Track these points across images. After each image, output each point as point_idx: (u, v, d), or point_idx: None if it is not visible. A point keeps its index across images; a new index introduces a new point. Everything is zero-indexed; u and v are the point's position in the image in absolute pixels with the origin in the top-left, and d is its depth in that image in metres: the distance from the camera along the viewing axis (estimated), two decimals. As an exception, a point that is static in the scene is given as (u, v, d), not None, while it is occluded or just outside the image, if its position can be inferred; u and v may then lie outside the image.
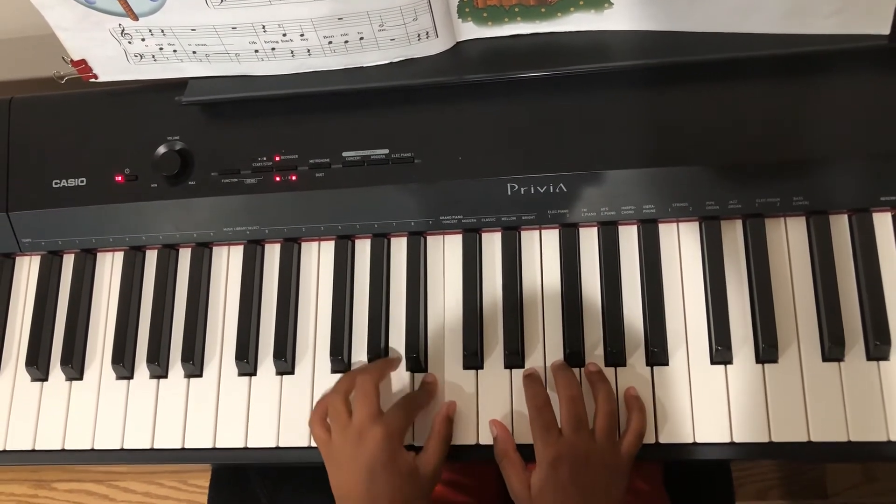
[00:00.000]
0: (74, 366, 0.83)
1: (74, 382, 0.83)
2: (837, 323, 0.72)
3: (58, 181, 0.84)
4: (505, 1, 0.74)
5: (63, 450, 0.81)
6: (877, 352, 0.71)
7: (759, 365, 0.73)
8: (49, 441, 0.82)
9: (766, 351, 0.72)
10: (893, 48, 0.71)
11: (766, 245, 0.75)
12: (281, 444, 0.78)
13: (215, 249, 0.84)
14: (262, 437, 0.78)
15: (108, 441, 0.81)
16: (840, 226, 0.75)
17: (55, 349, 0.84)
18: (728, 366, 0.73)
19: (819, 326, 0.73)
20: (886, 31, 0.71)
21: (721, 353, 0.73)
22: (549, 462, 0.68)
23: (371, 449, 0.69)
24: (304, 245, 0.83)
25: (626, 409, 0.73)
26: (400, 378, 0.78)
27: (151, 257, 0.85)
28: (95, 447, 0.81)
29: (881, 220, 0.74)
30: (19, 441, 0.82)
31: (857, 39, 0.72)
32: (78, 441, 0.81)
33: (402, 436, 0.72)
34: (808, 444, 0.71)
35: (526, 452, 0.72)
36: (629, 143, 0.75)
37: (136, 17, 0.75)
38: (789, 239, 0.75)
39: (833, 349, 0.71)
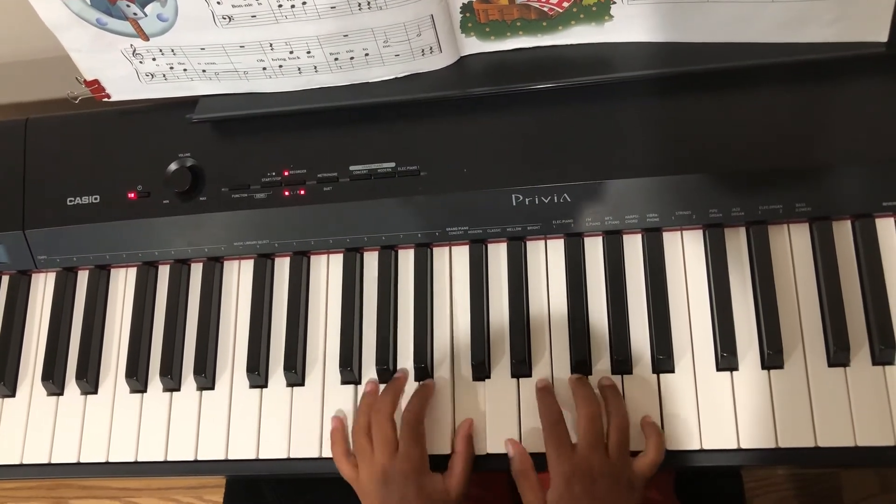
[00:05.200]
0: (89, 380, 0.84)
1: (89, 396, 0.85)
2: (842, 328, 0.72)
3: (72, 199, 0.86)
4: (507, 16, 0.76)
5: (78, 463, 0.83)
6: (882, 356, 0.71)
7: (765, 371, 0.73)
8: (65, 454, 0.83)
9: (772, 357, 0.72)
10: (891, 55, 0.72)
11: (769, 252, 0.75)
12: (292, 455, 0.79)
13: (226, 264, 0.86)
14: (274, 448, 0.79)
15: (122, 454, 0.82)
16: (843, 231, 0.75)
17: (70, 364, 0.86)
18: (734, 372, 0.74)
19: (824, 332, 0.73)
20: (884, 38, 0.72)
21: (726, 359, 0.73)
22: (564, 478, 0.69)
23: (400, 486, 0.71)
24: (313, 258, 0.84)
25: (643, 434, 0.73)
26: (409, 390, 0.79)
27: (164, 272, 0.87)
28: (110, 460, 0.82)
29: (884, 226, 0.75)
30: (35, 455, 0.84)
31: (856, 47, 0.73)
32: (93, 454, 0.83)
33: (425, 463, 0.73)
34: (815, 450, 0.71)
35: (538, 461, 0.73)
36: (631, 152, 0.76)
37: (146, 38, 0.77)
38: (793, 245, 0.76)
39: (838, 354, 0.72)
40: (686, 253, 0.77)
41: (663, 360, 0.74)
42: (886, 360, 0.72)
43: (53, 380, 0.84)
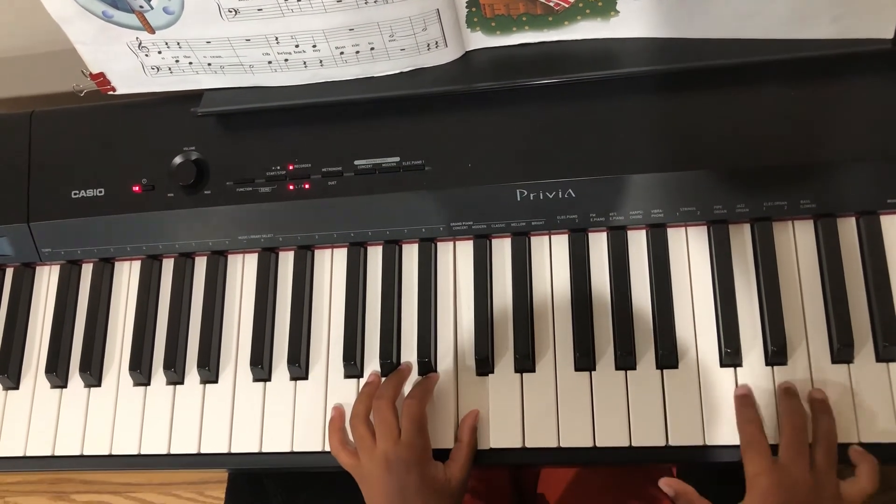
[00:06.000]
0: (93, 373, 0.84)
1: (93, 389, 0.85)
2: (846, 325, 0.72)
3: (77, 192, 0.86)
4: (513, 10, 0.76)
5: (82, 455, 0.83)
6: (886, 353, 0.71)
7: (769, 367, 0.73)
8: (68, 447, 0.83)
9: (775, 353, 0.72)
10: (896, 52, 0.72)
11: (774, 248, 0.75)
12: (295, 449, 0.79)
13: (230, 258, 0.86)
14: (277, 442, 0.80)
15: (125, 446, 0.82)
16: (848, 228, 0.75)
17: (74, 356, 0.86)
18: (738, 368, 0.74)
19: (828, 329, 0.73)
20: (890, 35, 0.72)
21: (730, 355, 0.73)
22: (761, 489, 0.65)
23: (401, 474, 0.71)
24: (317, 252, 0.84)
25: (853, 460, 0.69)
26: (412, 382, 0.79)
27: (168, 266, 0.87)
28: (114, 453, 0.82)
29: (889, 223, 0.75)
30: (39, 447, 0.84)
31: (861, 44, 0.73)
32: (96, 447, 0.83)
33: (428, 451, 0.73)
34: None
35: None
36: (636, 148, 0.76)
37: (152, 31, 0.77)
38: (797, 242, 0.76)
39: (842, 351, 0.72)
40: (690, 249, 0.77)
41: (667, 356, 0.74)
42: (890, 357, 0.72)
43: (57, 372, 0.84)
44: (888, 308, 0.72)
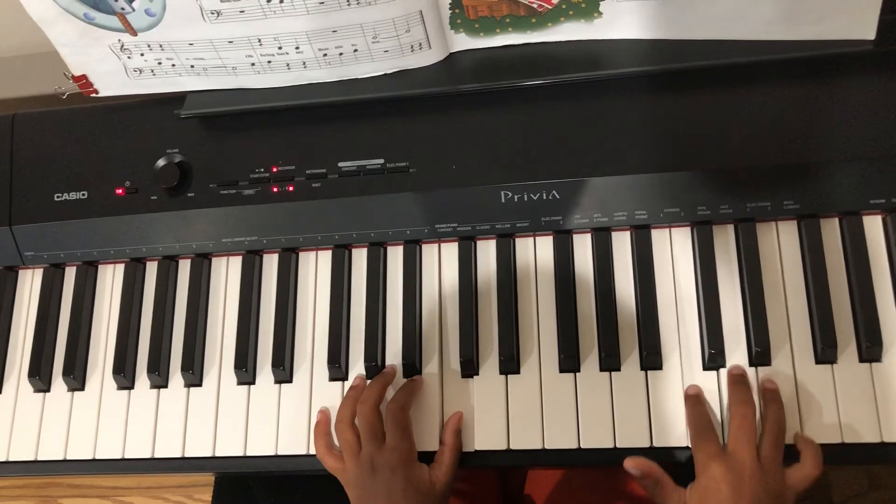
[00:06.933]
0: (76, 377, 0.84)
1: (76, 393, 0.84)
2: (830, 325, 0.72)
3: (59, 195, 0.85)
4: (496, 12, 0.76)
5: (65, 460, 0.82)
6: (869, 353, 0.72)
7: (752, 368, 0.73)
8: (51, 451, 0.83)
9: (759, 354, 0.72)
10: (879, 53, 0.72)
11: (757, 249, 0.75)
12: (280, 452, 0.79)
13: (214, 260, 0.85)
14: (261, 445, 0.79)
15: (109, 451, 0.82)
16: (831, 229, 0.76)
17: (57, 360, 0.85)
18: (721, 370, 0.74)
19: (811, 329, 0.74)
20: (872, 35, 0.72)
21: (714, 357, 0.73)
22: (711, 478, 0.66)
23: (387, 478, 0.71)
24: (301, 255, 0.84)
25: (797, 447, 0.70)
26: (397, 385, 0.79)
27: (152, 269, 0.86)
28: (97, 457, 0.82)
29: (871, 223, 0.75)
30: (22, 451, 0.83)
31: (844, 45, 0.73)
32: (80, 451, 0.82)
33: (413, 454, 0.73)
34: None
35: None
36: (620, 149, 0.76)
37: (134, 33, 0.76)
38: (781, 243, 0.76)
39: (826, 351, 0.72)
40: (674, 250, 0.77)
41: (651, 357, 0.74)
42: (873, 358, 0.72)
43: (40, 376, 0.84)
44: (871, 309, 0.72)
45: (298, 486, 0.96)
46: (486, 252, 0.81)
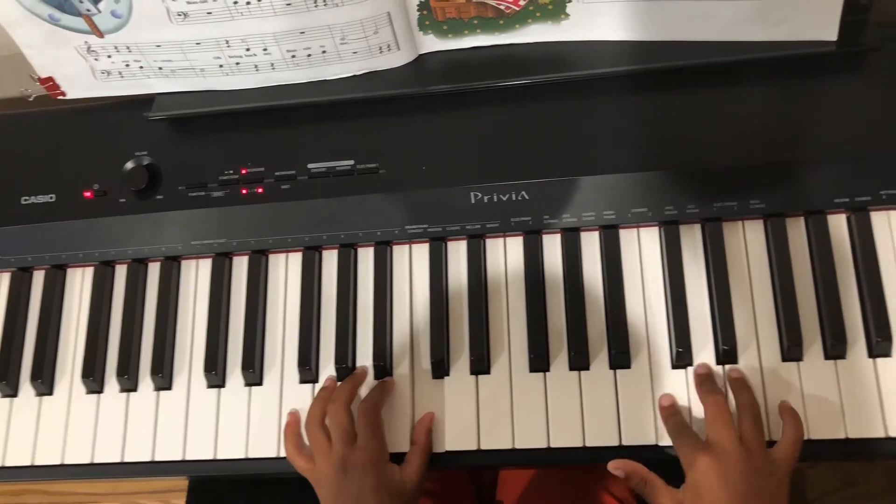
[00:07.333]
0: (44, 381, 0.83)
1: (44, 398, 0.83)
2: (795, 324, 0.73)
3: (27, 198, 0.85)
4: (464, 14, 0.76)
5: (33, 465, 0.81)
6: (834, 351, 0.72)
7: (720, 367, 0.74)
8: (19, 457, 0.82)
9: (726, 353, 0.73)
10: (841, 53, 0.73)
11: (724, 248, 0.76)
12: (250, 455, 0.78)
13: (184, 263, 0.85)
14: (232, 448, 0.79)
15: (78, 455, 0.81)
16: (797, 228, 0.76)
17: (25, 365, 0.84)
18: (689, 368, 0.74)
19: (778, 327, 0.74)
20: (834, 37, 0.73)
21: (682, 355, 0.74)
22: (701, 474, 0.67)
23: (358, 478, 0.71)
24: (271, 257, 0.83)
25: (781, 415, 0.71)
26: (368, 387, 0.79)
27: (121, 272, 0.86)
28: (66, 462, 0.81)
29: (836, 222, 0.76)
30: (-10, 457, 0.82)
31: (808, 45, 0.74)
32: (49, 456, 0.81)
33: (384, 454, 0.73)
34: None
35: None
36: (587, 150, 0.77)
37: (101, 35, 0.76)
38: (747, 242, 0.77)
39: (792, 349, 0.72)
40: (642, 250, 0.78)
41: (620, 356, 0.74)
42: (838, 355, 0.72)
43: (8, 381, 0.83)
44: (836, 307, 0.73)
45: (271, 490, 0.96)
46: (457, 253, 0.81)
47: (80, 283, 0.86)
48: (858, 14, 0.73)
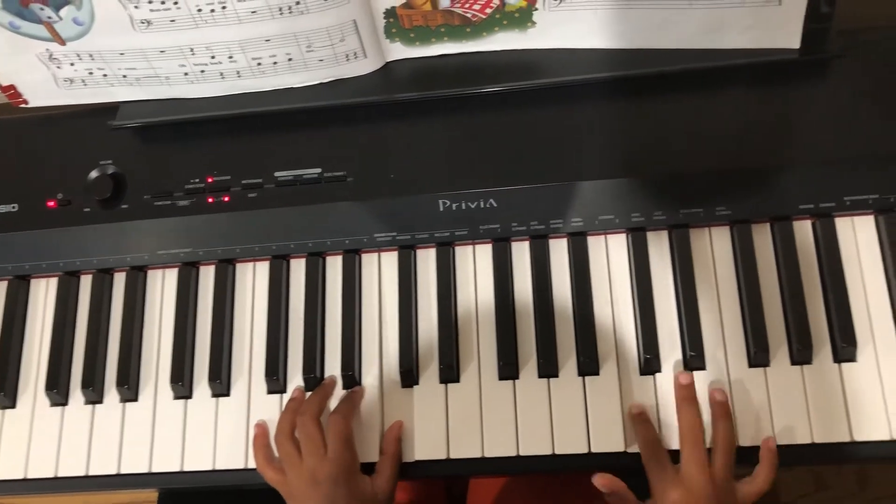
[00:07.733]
0: (7, 394, 0.81)
1: (7, 411, 0.82)
2: (762, 329, 0.73)
3: (-11, 207, 0.83)
4: (431, 21, 0.76)
5: (-3, 480, 0.80)
6: (800, 356, 0.73)
7: (687, 372, 0.74)
8: (-19, 471, 0.80)
9: (693, 358, 0.73)
10: (803, 61, 0.74)
11: (691, 255, 0.76)
12: (218, 467, 0.78)
13: (150, 273, 0.84)
14: (199, 460, 0.78)
15: (42, 469, 0.80)
16: (762, 234, 0.77)
17: (-13, 377, 0.83)
18: (657, 374, 0.74)
19: (744, 333, 0.74)
20: (797, 45, 0.74)
21: (649, 361, 0.74)
22: (670, 501, 0.68)
23: (329, 489, 0.70)
24: (238, 266, 0.83)
25: (759, 458, 0.71)
26: (337, 397, 0.78)
27: (86, 282, 0.84)
28: (29, 476, 0.80)
29: (801, 228, 0.76)
30: (-49, 472, 0.81)
31: (771, 53, 0.75)
32: (11, 471, 0.80)
33: (355, 465, 0.73)
34: (738, 449, 0.72)
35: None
36: (554, 158, 0.77)
37: (63, 42, 0.75)
38: (714, 248, 0.77)
39: (758, 355, 0.73)
40: (610, 257, 0.78)
41: (588, 363, 0.74)
42: (804, 360, 0.73)
43: (-31, 394, 0.82)
44: (801, 312, 0.74)
45: (242, 501, 0.94)
46: (426, 261, 0.80)
47: (44, 294, 0.85)
48: (821, 22, 0.74)
